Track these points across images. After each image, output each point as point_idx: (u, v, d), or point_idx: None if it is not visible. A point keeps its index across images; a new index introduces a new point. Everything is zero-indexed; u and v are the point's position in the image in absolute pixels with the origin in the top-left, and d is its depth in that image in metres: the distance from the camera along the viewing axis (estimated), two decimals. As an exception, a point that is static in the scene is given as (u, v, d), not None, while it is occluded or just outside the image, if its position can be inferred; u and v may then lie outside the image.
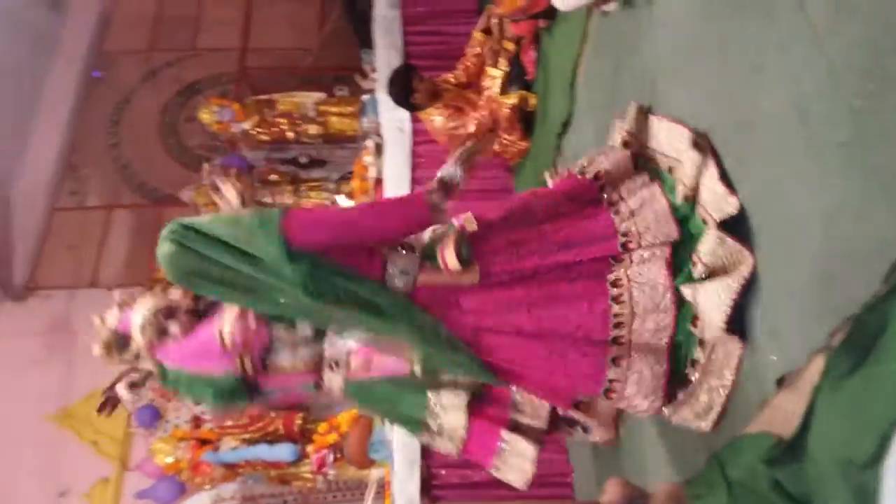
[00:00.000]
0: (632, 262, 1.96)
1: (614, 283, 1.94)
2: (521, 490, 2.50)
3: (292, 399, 2.84)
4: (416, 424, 2.48)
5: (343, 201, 6.05)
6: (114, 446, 5.85)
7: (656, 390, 1.95)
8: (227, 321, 2.25)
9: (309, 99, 6.28)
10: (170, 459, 4.76)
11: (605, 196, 2.06)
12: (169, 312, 2.34)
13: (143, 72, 8.17)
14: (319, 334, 2.36)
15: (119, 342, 2.34)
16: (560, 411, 2.39)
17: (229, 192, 2.20)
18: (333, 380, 2.37)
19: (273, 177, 6.29)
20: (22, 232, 7.06)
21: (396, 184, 4.48)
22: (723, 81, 1.90)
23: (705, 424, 1.98)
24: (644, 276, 1.93)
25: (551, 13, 3.24)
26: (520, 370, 2.00)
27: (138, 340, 2.30)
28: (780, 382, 1.64)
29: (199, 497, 4.86)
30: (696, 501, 1.73)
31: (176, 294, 2.36)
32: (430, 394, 2.38)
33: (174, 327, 2.31)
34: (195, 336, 2.35)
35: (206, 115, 6.40)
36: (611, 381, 1.94)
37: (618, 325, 1.92)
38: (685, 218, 1.98)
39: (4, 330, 6.44)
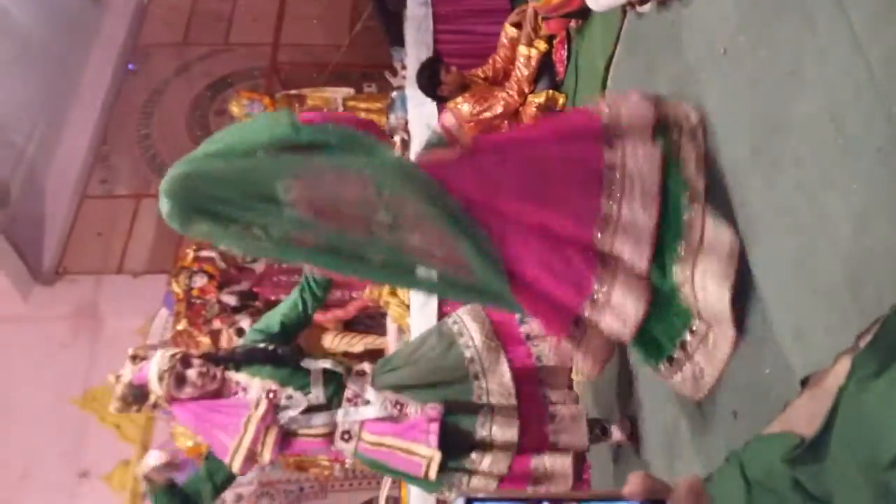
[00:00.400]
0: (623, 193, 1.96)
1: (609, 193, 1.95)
2: None
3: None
4: (434, 488, 2.54)
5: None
6: (135, 430, 5.96)
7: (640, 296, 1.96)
8: (243, 446, 2.33)
9: (338, 94, 6.35)
10: (190, 443, 4.83)
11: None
12: (185, 360, 2.38)
13: (176, 65, 8.31)
14: (333, 403, 2.43)
15: (136, 395, 2.41)
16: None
17: None
18: (346, 449, 2.44)
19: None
20: (52, 218, 7.20)
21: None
22: (758, 86, 1.90)
23: (699, 393, 2.04)
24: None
25: (584, 13, 3.26)
26: (518, 263, 1.98)
27: (156, 391, 2.37)
28: (805, 383, 1.65)
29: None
30: (713, 500, 1.74)
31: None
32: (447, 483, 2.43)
33: (192, 374, 2.35)
34: (215, 413, 2.41)
35: (236, 108, 6.49)
36: (600, 282, 1.96)
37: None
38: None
39: (33, 313, 6.58)
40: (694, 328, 1.96)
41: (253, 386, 2.43)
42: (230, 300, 5.25)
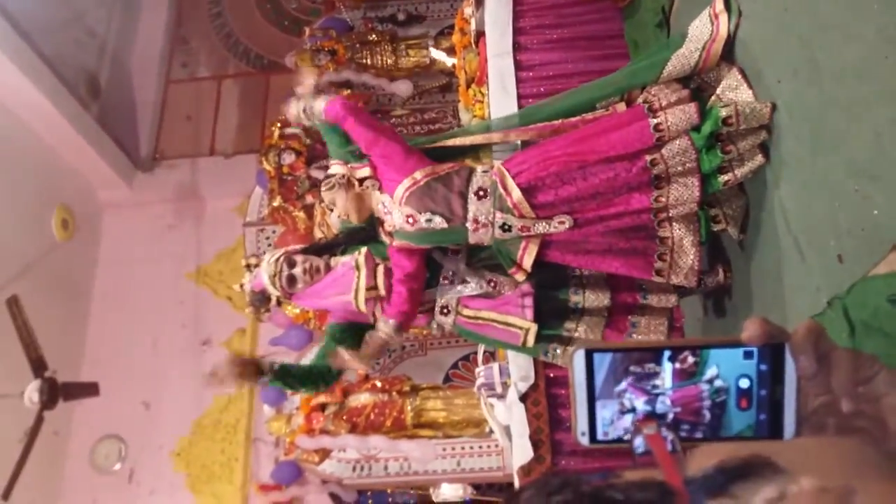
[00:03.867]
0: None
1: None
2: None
3: None
4: (532, 353, 2.66)
5: (441, 56, 5.93)
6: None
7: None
8: (361, 284, 2.52)
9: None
10: (297, 311, 5.16)
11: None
12: (289, 261, 2.53)
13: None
14: (432, 282, 2.57)
15: (260, 299, 2.66)
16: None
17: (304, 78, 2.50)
18: (445, 322, 2.59)
19: (372, 37, 6.23)
20: (142, 105, 7.43)
21: (498, 36, 4.32)
22: None
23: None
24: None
25: None
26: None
27: (274, 293, 2.59)
28: (918, 222, 1.57)
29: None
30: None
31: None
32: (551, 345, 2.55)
33: (298, 271, 2.52)
34: (327, 286, 2.58)
35: (304, -23, 6.33)
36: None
37: None
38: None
39: (139, 199, 6.96)
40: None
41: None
42: (319, 175, 5.38)
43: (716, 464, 0.38)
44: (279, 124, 5.79)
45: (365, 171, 2.40)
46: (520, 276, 2.43)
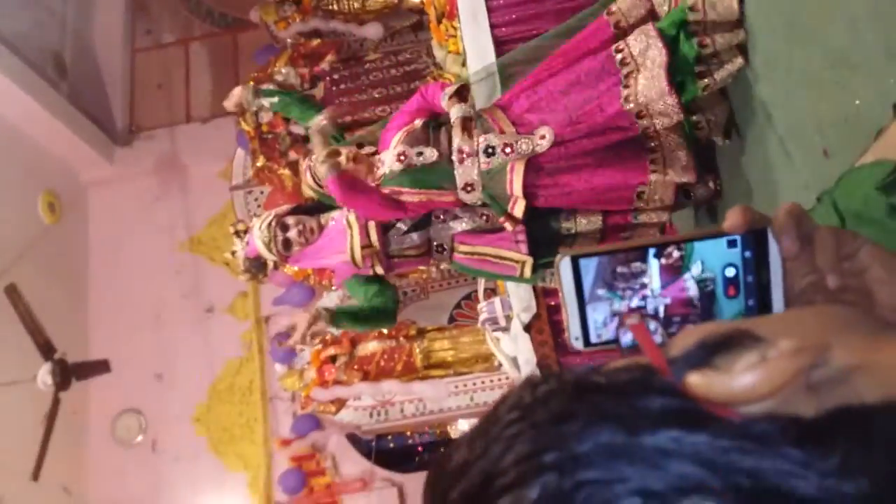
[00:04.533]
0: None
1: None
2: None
3: None
4: (530, 282, 2.70)
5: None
6: (244, 264, 6.39)
7: None
8: (355, 243, 2.51)
9: None
10: (296, 268, 5.17)
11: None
12: (282, 224, 2.52)
13: None
14: (420, 226, 2.57)
15: (256, 265, 2.64)
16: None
17: None
18: (442, 260, 2.63)
19: (337, -17, 6.05)
20: (111, 78, 7.25)
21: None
22: None
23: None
24: None
25: None
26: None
27: (270, 258, 2.58)
28: (900, 107, 1.57)
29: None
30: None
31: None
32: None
33: (293, 234, 2.51)
34: (323, 246, 2.60)
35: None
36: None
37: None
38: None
39: (121, 174, 6.88)
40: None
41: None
42: (299, 130, 5.31)
43: (697, 340, 0.39)
44: (252, 83, 5.68)
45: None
46: (510, 226, 2.44)
